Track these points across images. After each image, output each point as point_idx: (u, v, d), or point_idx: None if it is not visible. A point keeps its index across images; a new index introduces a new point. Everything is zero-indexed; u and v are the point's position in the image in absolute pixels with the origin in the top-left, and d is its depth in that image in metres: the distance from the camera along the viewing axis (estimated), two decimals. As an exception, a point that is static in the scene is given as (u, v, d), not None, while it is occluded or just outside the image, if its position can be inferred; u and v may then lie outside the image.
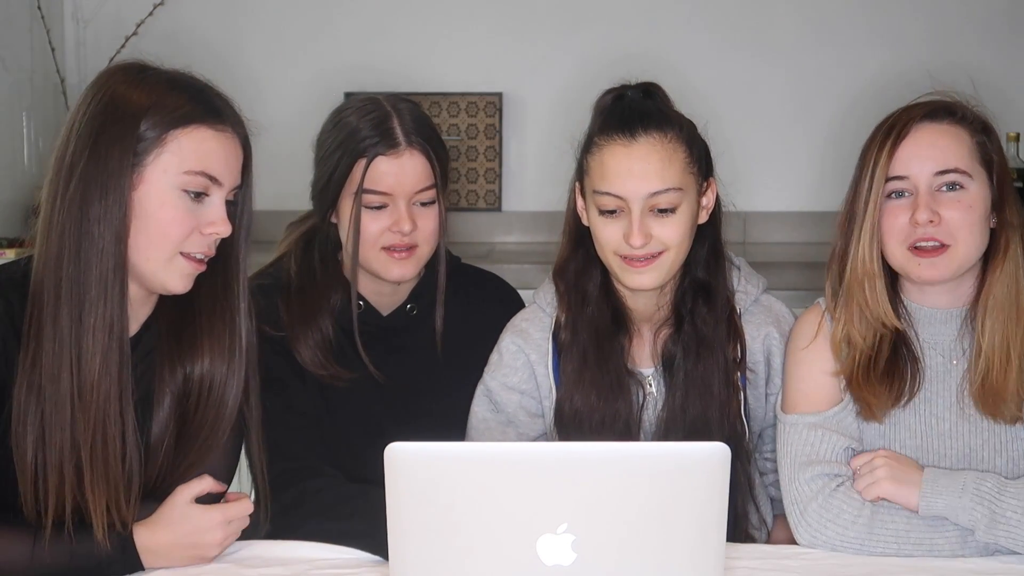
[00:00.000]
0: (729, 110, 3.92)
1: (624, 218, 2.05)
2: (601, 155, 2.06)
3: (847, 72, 3.92)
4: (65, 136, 1.82)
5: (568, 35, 4.01)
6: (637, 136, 2.05)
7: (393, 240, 2.18)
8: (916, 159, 1.93)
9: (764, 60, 4.01)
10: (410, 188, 2.18)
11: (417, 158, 2.18)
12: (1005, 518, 1.84)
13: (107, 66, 1.88)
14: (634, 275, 2.07)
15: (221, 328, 1.92)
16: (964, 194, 1.93)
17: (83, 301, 1.78)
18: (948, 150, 1.94)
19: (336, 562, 1.91)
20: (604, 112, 2.12)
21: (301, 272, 2.26)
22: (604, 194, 2.05)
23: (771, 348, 2.16)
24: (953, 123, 1.96)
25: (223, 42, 4.03)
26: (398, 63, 4.05)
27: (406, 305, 2.30)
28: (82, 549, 1.79)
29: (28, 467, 1.78)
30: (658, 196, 2.04)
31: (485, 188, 4.07)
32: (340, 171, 2.18)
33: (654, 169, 2.04)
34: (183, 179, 1.81)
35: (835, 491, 1.92)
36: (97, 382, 1.79)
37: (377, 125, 2.18)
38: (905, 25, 3.96)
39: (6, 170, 3.69)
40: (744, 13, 4.01)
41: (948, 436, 1.95)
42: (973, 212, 1.92)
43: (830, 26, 3.99)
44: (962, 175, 1.93)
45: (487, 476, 1.47)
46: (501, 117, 4.04)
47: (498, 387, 2.20)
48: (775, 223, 3.98)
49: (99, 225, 1.78)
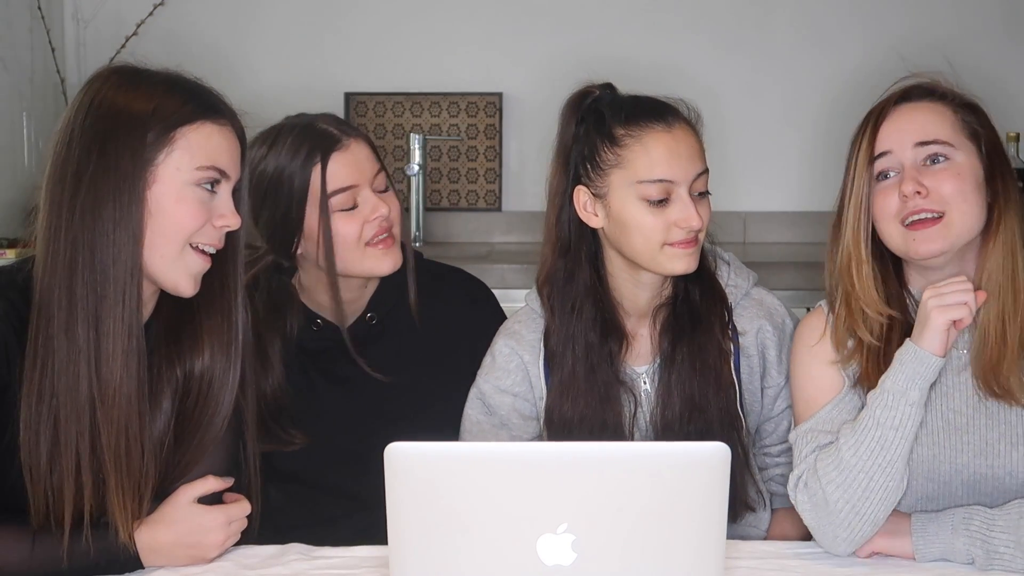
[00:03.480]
0: (728, 110, 3.92)
1: (673, 204, 2.06)
2: (643, 144, 2.07)
3: (844, 73, 3.92)
4: (63, 143, 1.81)
5: (568, 35, 4.01)
6: (672, 121, 2.09)
7: (374, 230, 2.17)
8: (896, 133, 1.93)
9: (763, 60, 4.01)
10: (369, 173, 2.18)
11: (362, 144, 2.20)
12: (999, 554, 1.84)
13: (96, 71, 1.87)
14: (682, 259, 2.08)
15: (219, 322, 1.92)
16: (950, 164, 1.91)
17: (100, 307, 1.78)
18: (928, 123, 1.93)
19: (336, 562, 1.91)
20: (611, 108, 2.11)
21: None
22: (654, 182, 2.06)
23: (765, 342, 2.16)
24: (932, 101, 1.96)
25: (223, 42, 4.03)
26: (398, 63, 4.06)
27: (366, 314, 2.28)
28: (80, 549, 1.79)
29: (42, 475, 1.79)
30: (699, 179, 2.09)
31: (485, 188, 4.07)
32: (296, 192, 2.15)
33: (696, 150, 2.10)
34: (196, 175, 1.83)
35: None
36: (119, 385, 1.79)
37: (308, 134, 2.17)
38: (904, 25, 3.96)
39: (6, 170, 3.70)
40: (742, 14, 4.01)
41: (965, 431, 1.93)
42: (963, 180, 1.91)
43: (828, 27, 4.00)
44: (944, 146, 1.92)
45: (487, 476, 1.47)
46: (501, 117, 4.04)
47: (491, 390, 2.20)
48: (774, 223, 3.98)
49: (114, 230, 1.78)
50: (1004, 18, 3.97)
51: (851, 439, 1.88)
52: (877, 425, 1.87)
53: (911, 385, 1.86)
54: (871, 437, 1.87)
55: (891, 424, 1.86)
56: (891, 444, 1.86)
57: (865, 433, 1.87)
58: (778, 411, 2.19)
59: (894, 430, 1.86)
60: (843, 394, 1.96)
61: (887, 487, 1.87)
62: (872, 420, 1.87)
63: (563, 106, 2.17)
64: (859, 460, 1.87)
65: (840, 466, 1.88)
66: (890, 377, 1.87)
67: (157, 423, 1.89)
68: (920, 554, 1.88)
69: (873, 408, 1.88)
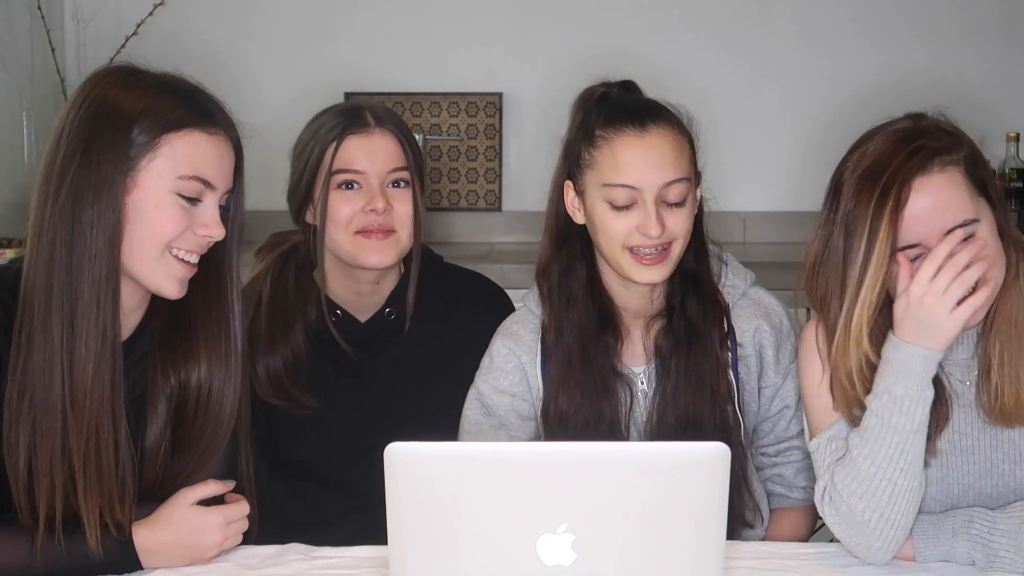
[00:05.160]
0: (729, 110, 3.93)
1: (637, 210, 2.04)
2: (611, 147, 2.06)
3: (843, 74, 3.92)
4: (55, 140, 1.80)
5: (568, 35, 4.01)
6: (648, 126, 2.05)
7: (367, 221, 2.17)
8: (922, 225, 1.83)
9: (763, 61, 4.01)
10: (382, 166, 2.18)
11: (388, 137, 2.20)
12: (999, 557, 1.84)
13: (96, 70, 1.86)
14: (644, 271, 2.06)
15: (217, 334, 1.91)
16: (977, 239, 1.83)
17: (75, 308, 1.77)
18: (951, 203, 1.83)
19: (336, 562, 1.91)
20: (600, 106, 2.11)
21: (274, 290, 2.26)
22: (618, 186, 2.04)
23: (762, 341, 2.16)
24: (944, 167, 1.85)
25: (223, 42, 4.03)
26: (398, 63, 4.06)
27: (384, 309, 2.29)
28: (79, 550, 1.79)
29: (21, 473, 1.78)
30: (671, 186, 2.04)
31: (485, 188, 4.07)
32: (312, 161, 2.20)
33: (668, 158, 2.05)
34: (178, 184, 1.80)
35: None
36: (90, 389, 1.78)
37: (346, 112, 2.23)
38: (902, 27, 3.96)
39: (6, 170, 3.70)
40: (742, 15, 4.01)
41: (970, 451, 1.93)
42: (991, 248, 1.84)
43: (827, 28, 4.00)
44: (971, 225, 1.83)
45: (487, 476, 1.47)
46: (501, 117, 4.04)
47: (489, 391, 2.20)
48: (774, 223, 3.98)
49: (92, 231, 1.76)
50: (1004, 18, 3.97)
51: (864, 449, 1.85)
52: (894, 432, 1.83)
53: (925, 385, 1.83)
54: (888, 443, 1.83)
55: (911, 428, 1.83)
56: (910, 446, 1.84)
57: (880, 441, 1.84)
58: (775, 411, 2.18)
59: (914, 433, 1.84)
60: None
61: (911, 488, 1.85)
62: (887, 428, 1.83)
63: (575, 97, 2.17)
64: (878, 468, 1.84)
65: (859, 477, 1.85)
66: (899, 383, 1.83)
67: (153, 429, 1.88)
68: (921, 556, 1.88)
69: (886, 416, 1.83)
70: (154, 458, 1.88)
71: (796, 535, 2.22)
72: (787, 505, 2.23)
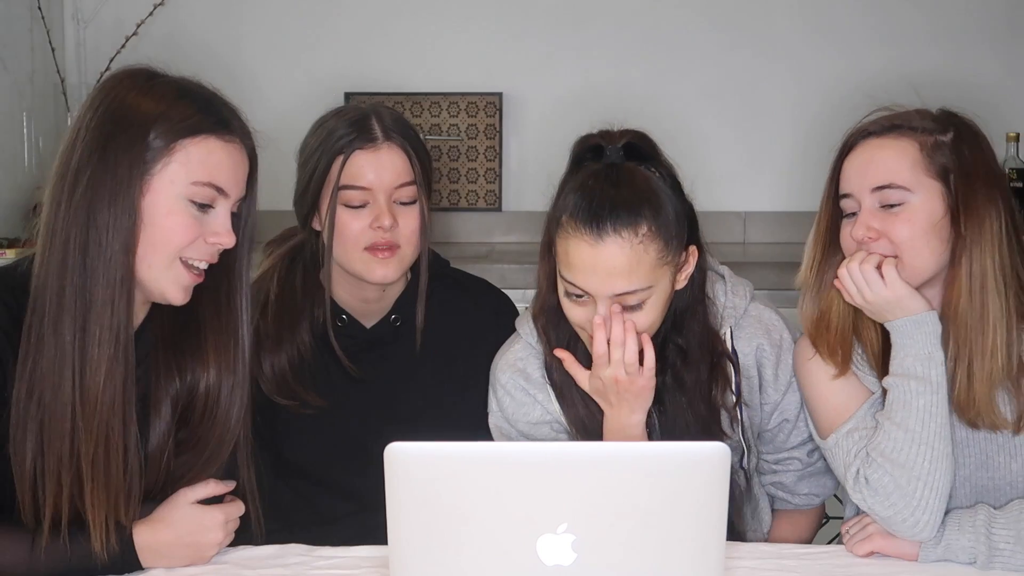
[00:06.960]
0: (729, 109, 3.93)
1: (592, 306, 1.98)
2: (567, 245, 1.97)
3: (844, 74, 3.92)
4: (71, 140, 1.80)
5: (568, 35, 4.01)
6: (604, 235, 1.93)
7: (374, 238, 2.16)
8: (856, 177, 1.93)
9: (764, 60, 4.01)
10: (389, 183, 2.17)
11: (396, 152, 2.18)
12: (999, 550, 1.85)
13: (114, 71, 1.86)
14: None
15: (225, 340, 1.91)
16: (904, 208, 1.90)
17: (88, 310, 1.76)
18: (887, 165, 1.91)
19: (336, 562, 1.91)
20: (579, 172, 2.02)
21: (281, 289, 2.26)
22: (570, 283, 1.98)
23: (762, 359, 2.13)
24: (898, 136, 1.92)
25: (223, 43, 4.03)
26: (398, 63, 4.06)
27: (390, 316, 2.29)
28: (80, 551, 1.79)
29: (27, 474, 1.77)
30: (624, 296, 1.96)
31: (485, 188, 4.07)
32: (319, 171, 2.18)
33: (620, 271, 1.94)
34: (191, 190, 1.80)
35: None
36: (101, 392, 1.77)
37: (355, 122, 2.19)
38: (905, 25, 3.96)
39: (6, 170, 3.69)
40: (743, 13, 4.01)
41: (965, 444, 1.95)
42: (915, 224, 1.89)
43: (832, 26, 3.99)
44: (900, 190, 1.89)
45: (487, 476, 1.47)
46: (501, 117, 4.04)
47: (527, 427, 2.15)
48: (774, 223, 3.98)
49: (107, 234, 1.76)
50: (1005, 17, 3.97)
51: (895, 417, 1.90)
52: (917, 393, 1.89)
53: (934, 348, 1.89)
54: (916, 408, 1.88)
55: (931, 389, 1.89)
56: (937, 409, 1.89)
57: (908, 409, 1.89)
58: (775, 424, 2.17)
59: (934, 394, 1.89)
60: (879, 393, 1.98)
61: (946, 454, 1.88)
62: (909, 391, 1.89)
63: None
64: (912, 435, 1.88)
65: (896, 447, 1.89)
66: (909, 356, 1.89)
67: (156, 430, 1.88)
68: (924, 552, 1.88)
69: (906, 381, 1.89)
70: (157, 460, 1.88)
71: (799, 537, 2.22)
72: (789, 508, 2.23)
